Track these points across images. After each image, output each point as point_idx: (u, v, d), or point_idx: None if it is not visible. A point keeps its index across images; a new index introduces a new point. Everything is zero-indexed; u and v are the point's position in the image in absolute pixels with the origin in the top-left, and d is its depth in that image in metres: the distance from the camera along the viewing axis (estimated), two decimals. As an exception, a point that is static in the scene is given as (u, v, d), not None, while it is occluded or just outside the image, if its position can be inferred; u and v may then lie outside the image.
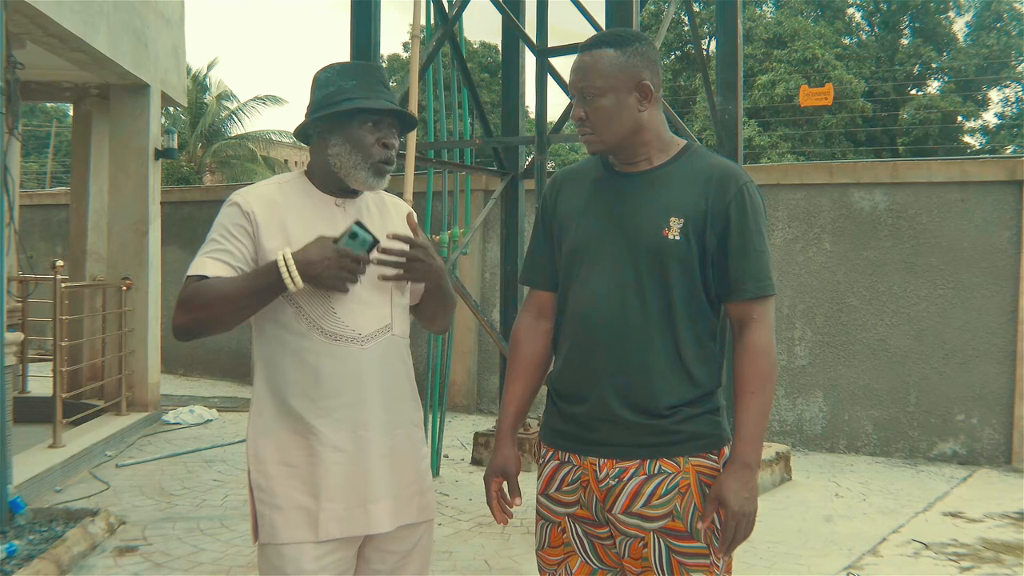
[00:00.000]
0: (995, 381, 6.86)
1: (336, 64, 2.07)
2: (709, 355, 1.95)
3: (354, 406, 1.97)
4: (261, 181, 2.11)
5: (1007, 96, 25.67)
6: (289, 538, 1.94)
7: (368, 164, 2.00)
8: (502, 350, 5.83)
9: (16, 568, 3.90)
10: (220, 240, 1.96)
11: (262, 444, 1.99)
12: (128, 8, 7.02)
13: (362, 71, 2.05)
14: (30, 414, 6.28)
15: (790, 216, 7.61)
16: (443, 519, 5.06)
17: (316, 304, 1.96)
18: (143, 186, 7.52)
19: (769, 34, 22.47)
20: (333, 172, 2.02)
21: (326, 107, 1.99)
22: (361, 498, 1.97)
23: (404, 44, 27.05)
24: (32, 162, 26.35)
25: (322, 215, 2.02)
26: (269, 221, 1.97)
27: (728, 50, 6.03)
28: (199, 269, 1.93)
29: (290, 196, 2.03)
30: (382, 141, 2.01)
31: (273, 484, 1.96)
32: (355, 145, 1.99)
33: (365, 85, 2.02)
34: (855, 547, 4.73)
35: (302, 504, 1.95)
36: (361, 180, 2.01)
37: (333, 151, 2.00)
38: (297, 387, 1.96)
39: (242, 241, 1.96)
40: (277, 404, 1.98)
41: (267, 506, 1.96)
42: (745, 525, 1.86)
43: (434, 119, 6.58)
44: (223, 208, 2.01)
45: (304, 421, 1.95)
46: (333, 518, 1.95)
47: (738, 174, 1.95)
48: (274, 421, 1.98)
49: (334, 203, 2.05)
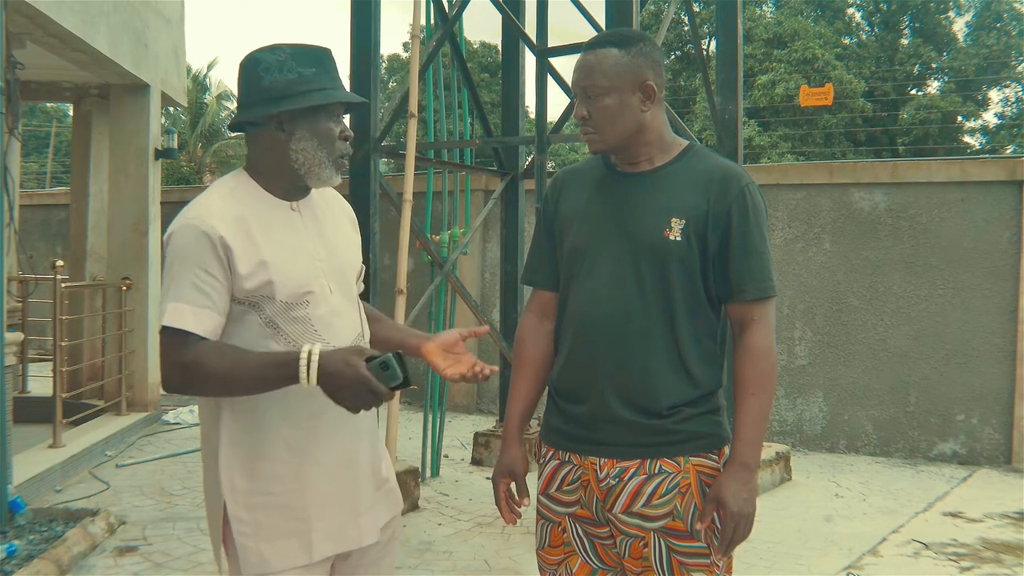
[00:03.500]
0: (995, 381, 6.86)
1: (283, 46, 1.84)
2: (710, 355, 1.95)
3: (341, 419, 1.84)
4: (205, 194, 1.85)
5: (1007, 96, 25.68)
6: (281, 566, 1.82)
7: (331, 160, 1.86)
8: (502, 350, 5.83)
9: (16, 568, 3.90)
10: (192, 277, 1.74)
11: (237, 476, 1.82)
12: (128, 8, 7.02)
13: (319, 57, 1.85)
14: (30, 414, 6.28)
15: (790, 216, 7.61)
16: (443, 519, 5.06)
17: (296, 323, 1.82)
18: (143, 186, 7.52)
19: (769, 34, 22.46)
20: (291, 168, 1.84)
21: (292, 96, 1.79)
22: (353, 512, 1.90)
23: (404, 44, 27.04)
24: (32, 162, 26.33)
25: (284, 225, 1.85)
26: (238, 244, 1.76)
27: (728, 50, 6.03)
28: (178, 321, 1.73)
29: (247, 205, 1.82)
30: (343, 134, 1.88)
31: (257, 515, 1.82)
32: (322, 139, 1.83)
33: (326, 73, 1.85)
34: (855, 547, 4.73)
35: (290, 529, 1.83)
36: (324, 177, 1.86)
37: (298, 146, 1.82)
38: (279, 410, 1.81)
39: (215, 276, 1.75)
40: (252, 429, 1.82)
41: (251, 538, 1.82)
42: (744, 526, 1.86)
43: (434, 119, 6.57)
44: (179, 237, 1.77)
45: (288, 444, 1.83)
46: (325, 537, 1.86)
47: (740, 175, 1.95)
48: (250, 447, 1.82)
49: (289, 208, 1.88)
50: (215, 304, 1.76)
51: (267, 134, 1.84)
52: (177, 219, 1.81)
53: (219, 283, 1.76)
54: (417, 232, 5.68)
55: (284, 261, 1.82)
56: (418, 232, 5.73)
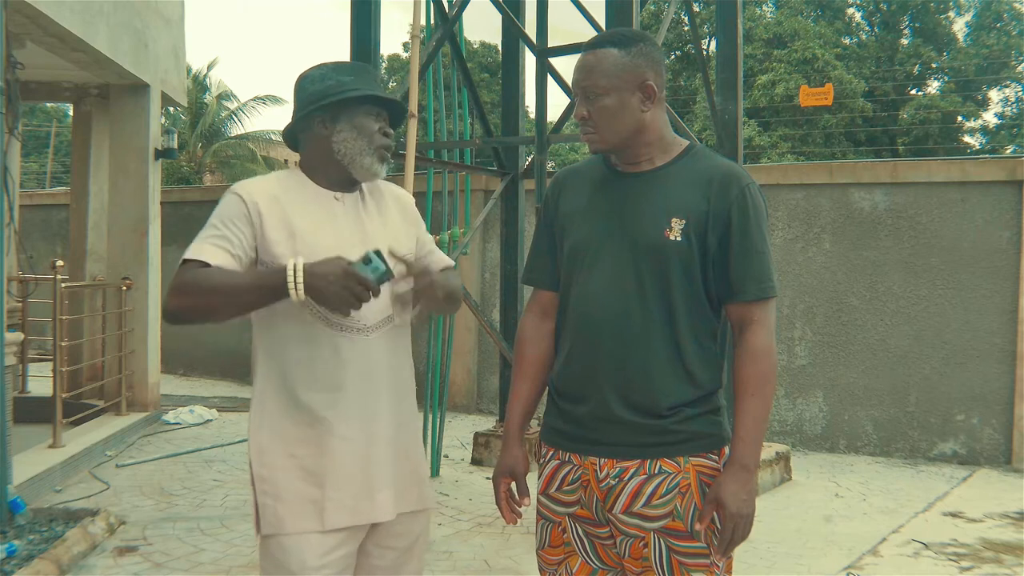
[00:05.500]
0: (995, 381, 6.86)
1: (328, 63, 2.08)
2: (710, 356, 1.95)
3: (364, 395, 1.98)
4: (258, 176, 2.11)
5: (1007, 96, 25.68)
6: (293, 528, 1.93)
7: (372, 150, 2.03)
8: (502, 350, 5.83)
9: (16, 568, 3.90)
10: (219, 227, 1.94)
11: (265, 436, 1.97)
12: (128, 8, 7.02)
13: (356, 68, 2.08)
14: (30, 414, 6.28)
15: (790, 216, 7.61)
16: (443, 519, 5.06)
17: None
18: (143, 186, 7.52)
19: (769, 34, 22.46)
20: (336, 161, 2.02)
21: (331, 96, 2.00)
22: (368, 487, 1.98)
23: (404, 44, 27.03)
24: (32, 162, 26.34)
25: (323, 209, 2.02)
26: (271, 213, 1.96)
27: (728, 50, 6.03)
28: (197, 254, 1.90)
29: (290, 190, 2.02)
30: (383, 129, 2.05)
31: (277, 475, 1.95)
32: (361, 131, 2.02)
33: (362, 80, 2.05)
34: (855, 547, 4.73)
35: (307, 494, 1.94)
36: (366, 167, 2.03)
37: (339, 137, 2.01)
38: (306, 378, 1.95)
39: (242, 230, 1.94)
40: (282, 396, 1.97)
41: (270, 497, 1.95)
42: (743, 526, 1.86)
43: (434, 119, 6.57)
44: (223, 198, 2.00)
45: (312, 412, 1.95)
46: (340, 508, 1.95)
47: (740, 175, 1.94)
48: (279, 413, 1.97)
49: (333, 197, 2.05)
50: (233, 247, 1.92)
51: (313, 134, 2.04)
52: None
53: (242, 233, 1.93)
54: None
55: (314, 235, 1.97)
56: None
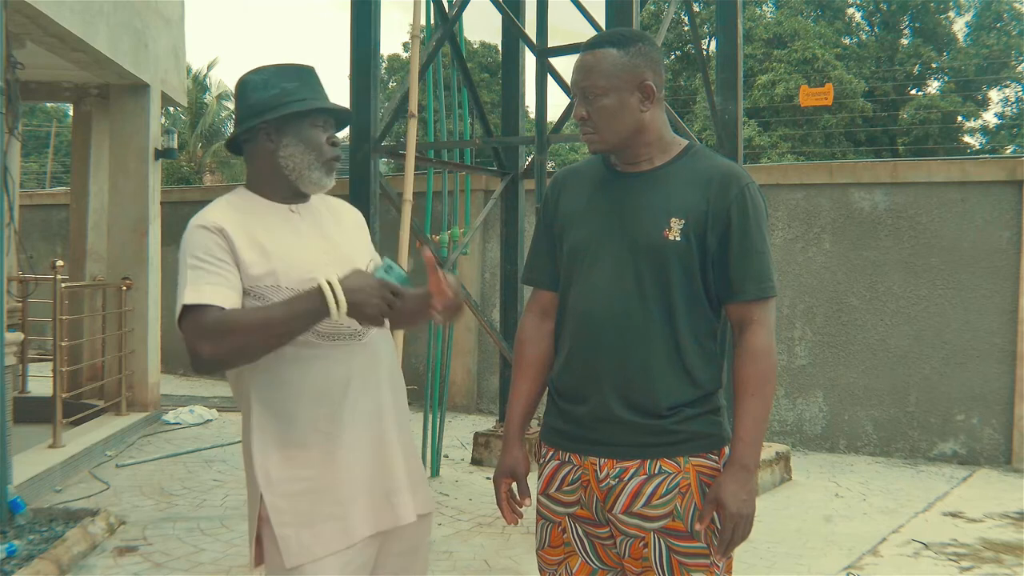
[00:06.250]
0: (995, 381, 6.86)
1: (268, 67, 2.01)
2: (709, 356, 1.95)
3: (366, 399, 1.95)
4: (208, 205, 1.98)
5: (1007, 96, 25.70)
6: (323, 551, 1.87)
7: (321, 163, 1.97)
8: (502, 350, 5.83)
9: (16, 568, 3.90)
10: (205, 265, 1.83)
11: (272, 464, 1.89)
12: (128, 8, 7.02)
13: (301, 73, 2.00)
14: (30, 414, 6.28)
15: (790, 216, 7.61)
16: (443, 519, 5.06)
17: None
18: (143, 186, 7.52)
19: (769, 34, 22.46)
20: (283, 176, 1.96)
21: (275, 108, 1.93)
22: (384, 491, 1.95)
23: (404, 44, 27.03)
24: (32, 162, 26.33)
25: (284, 223, 1.96)
26: (239, 236, 1.87)
27: (728, 50, 6.03)
28: (200, 298, 1.80)
29: (246, 211, 1.94)
30: (331, 140, 1.99)
31: (295, 503, 1.88)
32: (308, 144, 1.95)
33: (307, 86, 1.98)
34: (855, 547, 4.73)
35: (330, 513, 1.89)
36: (315, 180, 1.97)
37: (286, 152, 1.94)
38: (305, 395, 1.89)
39: (226, 261, 1.85)
40: (282, 417, 1.90)
41: (290, 527, 1.87)
42: (743, 527, 1.86)
43: (434, 119, 6.57)
44: (189, 237, 1.88)
45: (317, 428, 1.90)
46: (363, 518, 1.92)
47: (740, 175, 1.94)
48: (281, 436, 1.90)
49: (289, 210, 1.98)
50: (228, 281, 1.84)
51: (258, 147, 1.98)
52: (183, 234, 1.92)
53: (228, 264, 1.85)
54: (417, 232, 5.68)
55: (286, 250, 1.91)
56: (418, 232, 5.73)
